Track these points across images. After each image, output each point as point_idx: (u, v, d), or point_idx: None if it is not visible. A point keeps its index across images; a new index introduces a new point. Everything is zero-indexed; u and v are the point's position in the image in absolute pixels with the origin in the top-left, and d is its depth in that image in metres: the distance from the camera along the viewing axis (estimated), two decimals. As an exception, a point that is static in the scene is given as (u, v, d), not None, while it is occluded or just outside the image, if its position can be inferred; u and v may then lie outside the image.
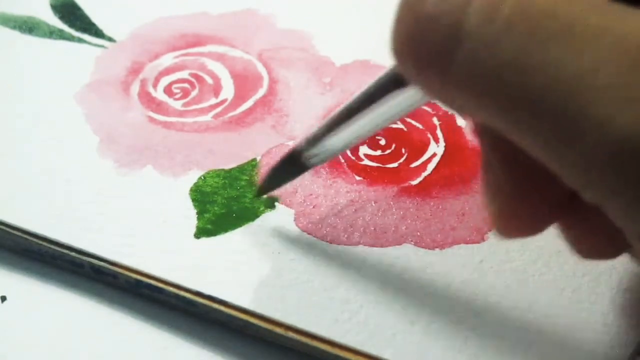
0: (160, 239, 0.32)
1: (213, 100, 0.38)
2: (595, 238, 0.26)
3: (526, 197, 0.25)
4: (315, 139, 0.30)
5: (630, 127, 0.19)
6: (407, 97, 0.26)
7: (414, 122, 0.37)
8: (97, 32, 0.42)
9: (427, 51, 0.22)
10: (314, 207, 0.33)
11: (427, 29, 0.22)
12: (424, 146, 0.36)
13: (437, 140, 0.36)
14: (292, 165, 0.31)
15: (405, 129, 0.36)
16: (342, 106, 0.28)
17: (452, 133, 0.36)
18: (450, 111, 0.34)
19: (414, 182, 0.34)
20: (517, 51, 0.20)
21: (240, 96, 0.39)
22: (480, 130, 0.25)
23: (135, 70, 0.40)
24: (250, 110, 0.38)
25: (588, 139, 0.20)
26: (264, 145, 0.36)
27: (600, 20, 0.20)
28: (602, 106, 0.20)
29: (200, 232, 0.33)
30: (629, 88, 0.19)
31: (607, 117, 0.20)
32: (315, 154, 0.30)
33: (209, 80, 0.39)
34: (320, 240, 0.32)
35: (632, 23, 0.20)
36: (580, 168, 0.21)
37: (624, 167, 0.20)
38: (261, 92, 0.39)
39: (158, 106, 0.38)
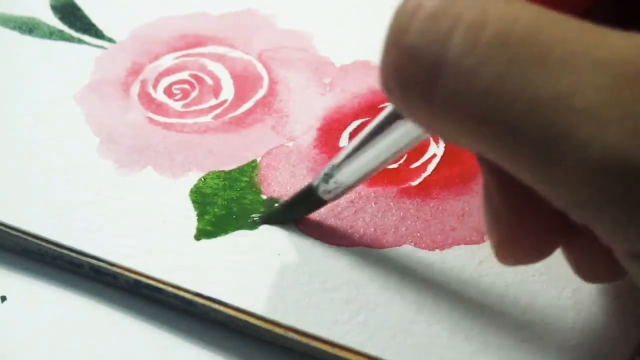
0: (160, 240, 0.32)
1: (213, 101, 0.38)
2: (596, 261, 0.26)
3: (526, 224, 0.25)
4: (329, 174, 0.30)
5: (610, 147, 0.20)
6: (409, 130, 0.27)
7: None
8: (97, 33, 0.42)
9: (411, 81, 0.22)
10: (314, 207, 0.33)
11: (411, 60, 0.22)
12: (424, 147, 0.36)
13: (437, 141, 0.36)
14: (308, 199, 0.32)
15: (405, 130, 0.36)
16: (352, 141, 0.29)
17: (452, 134, 0.36)
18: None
19: (414, 183, 0.34)
20: (495, 79, 0.20)
21: (240, 97, 0.39)
22: (480, 159, 0.25)
23: (135, 71, 0.40)
24: (250, 111, 0.38)
25: (571, 161, 0.20)
26: (264, 146, 0.36)
27: (579, 43, 0.20)
28: (582, 128, 0.20)
29: (200, 234, 0.33)
30: (607, 109, 0.20)
31: (588, 139, 0.20)
32: (329, 189, 0.31)
33: (209, 81, 0.39)
34: (320, 241, 0.32)
35: (611, 44, 0.20)
36: (566, 189, 0.21)
37: (609, 187, 0.20)
38: (261, 92, 0.39)
39: (158, 107, 0.38)
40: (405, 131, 0.27)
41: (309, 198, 0.32)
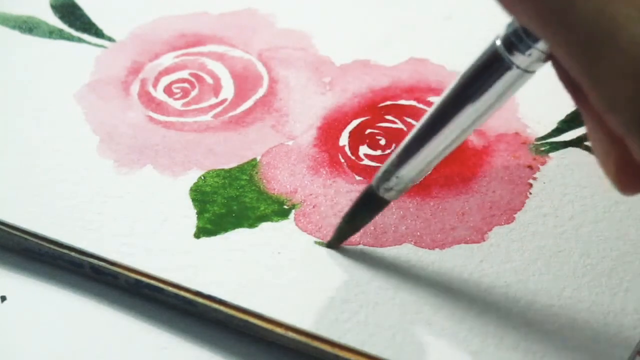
0: (160, 239, 0.32)
1: (213, 100, 0.38)
2: None
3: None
4: (388, 172, 0.29)
5: None
6: (474, 111, 0.27)
7: (414, 122, 0.37)
8: (97, 32, 0.42)
9: None
10: (314, 207, 0.33)
11: None
12: (424, 146, 0.36)
13: (437, 140, 0.36)
14: (368, 203, 0.31)
15: (405, 129, 0.36)
16: (410, 132, 0.29)
17: (452, 133, 0.36)
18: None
19: (414, 182, 0.34)
20: None
21: (240, 96, 0.39)
22: (577, 101, 0.25)
23: (135, 70, 0.40)
24: (250, 110, 0.38)
25: (620, 56, 0.20)
26: (264, 145, 0.36)
27: None
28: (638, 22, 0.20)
29: (200, 232, 0.33)
30: None
31: None
32: (391, 186, 0.30)
33: (209, 80, 0.39)
34: (321, 240, 0.32)
35: None
36: (611, 87, 0.21)
37: None
38: (261, 91, 0.39)
39: (158, 106, 0.38)
40: (470, 113, 0.27)
41: (370, 201, 0.31)
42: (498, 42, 0.26)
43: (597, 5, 0.20)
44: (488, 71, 0.26)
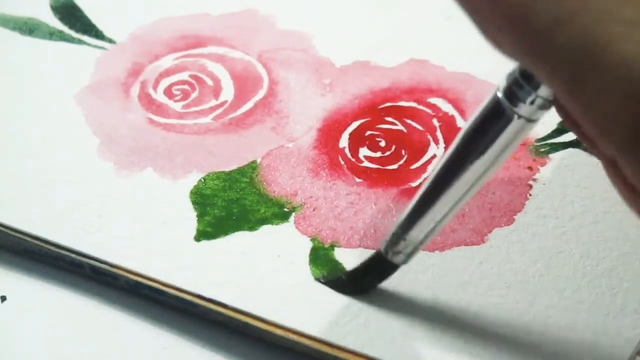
0: (160, 242, 0.32)
1: (213, 102, 0.38)
2: None
3: None
4: (397, 235, 0.29)
5: None
6: (479, 168, 0.26)
7: (414, 124, 0.37)
8: (97, 34, 0.42)
9: None
10: (314, 209, 0.33)
11: None
12: (424, 147, 0.36)
13: (437, 142, 0.36)
14: (378, 267, 0.30)
15: (405, 131, 0.36)
16: (417, 195, 0.28)
17: (452, 134, 0.36)
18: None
19: (414, 184, 0.34)
20: None
21: (240, 98, 0.38)
22: (596, 152, 0.24)
23: (135, 71, 0.40)
24: (250, 112, 0.38)
25: (606, 76, 0.19)
26: (264, 147, 0.36)
27: None
28: (626, 41, 0.19)
29: (201, 235, 0.33)
30: None
31: (630, 54, 0.19)
32: (400, 250, 0.29)
33: (209, 82, 0.39)
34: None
35: None
36: (599, 113, 0.20)
37: None
38: (261, 93, 0.39)
39: (158, 108, 0.38)
40: (476, 168, 0.26)
41: (379, 265, 0.30)
42: (499, 94, 0.25)
43: (581, 27, 0.19)
44: (491, 124, 0.26)
